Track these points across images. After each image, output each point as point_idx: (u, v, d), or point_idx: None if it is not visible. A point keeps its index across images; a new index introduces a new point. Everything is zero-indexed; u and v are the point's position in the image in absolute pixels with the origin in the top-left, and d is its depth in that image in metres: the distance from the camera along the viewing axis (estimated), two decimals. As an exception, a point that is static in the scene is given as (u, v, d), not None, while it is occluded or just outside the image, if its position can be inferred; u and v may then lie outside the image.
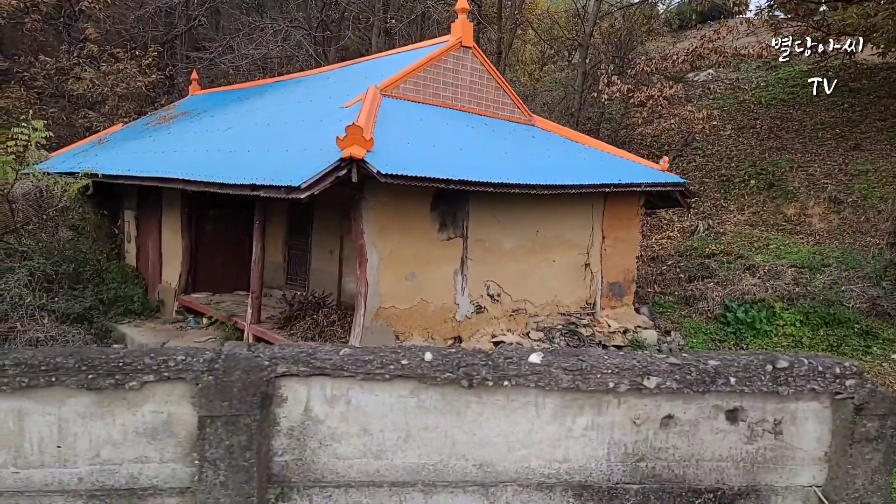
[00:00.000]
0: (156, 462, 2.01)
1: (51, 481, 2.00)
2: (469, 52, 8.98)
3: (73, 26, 22.11)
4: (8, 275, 9.86)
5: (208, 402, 1.95)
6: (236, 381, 1.94)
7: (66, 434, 2.00)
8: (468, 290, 8.04)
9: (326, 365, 1.97)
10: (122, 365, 1.95)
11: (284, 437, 2.06)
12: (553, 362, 2.01)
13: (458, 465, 2.09)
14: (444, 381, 2.00)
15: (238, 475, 1.95)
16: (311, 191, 5.66)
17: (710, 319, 11.12)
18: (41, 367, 1.91)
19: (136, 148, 11.27)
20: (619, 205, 9.67)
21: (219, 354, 2.02)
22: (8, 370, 1.90)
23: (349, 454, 2.07)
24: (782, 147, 17.41)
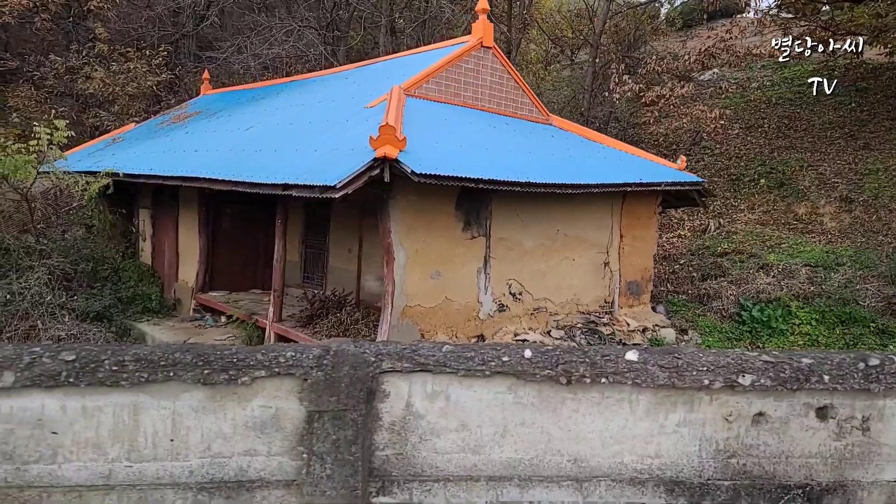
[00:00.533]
0: (263, 455, 2.06)
1: (162, 474, 2.05)
2: (489, 53, 9.02)
3: (81, 25, 22.15)
4: (28, 273, 9.91)
5: (317, 397, 2.00)
6: (344, 376, 1.99)
7: (179, 428, 2.05)
8: (491, 289, 8.09)
9: (430, 361, 2.02)
10: (236, 361, 2.00)
11: (386, 432, 2.11)
12: (649, 360, 2.07)
13: (554, 461, 2.14)
14: (542, 378, 2.05)
15: (344, 469, 2.00)
16: (345, 190, 5.71)
17: (725, 318, 11.17)
18: (160, 363, 1.96)
19: (153, 147, 11.31)
20: (637, 204, 9.72)
21: (327, 350, 2.06)
22: (128, 365, 1.95)
23: (448, 449, 2.12)
24: (791, 146, 17.46)
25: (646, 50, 19.71)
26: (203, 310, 11.11)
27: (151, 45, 21.32)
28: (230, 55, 16.41)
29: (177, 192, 11.36)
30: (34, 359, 1.95)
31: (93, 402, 1.99)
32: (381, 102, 7.93)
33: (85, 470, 2.03)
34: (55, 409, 1.99)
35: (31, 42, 22.18)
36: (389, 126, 5.85)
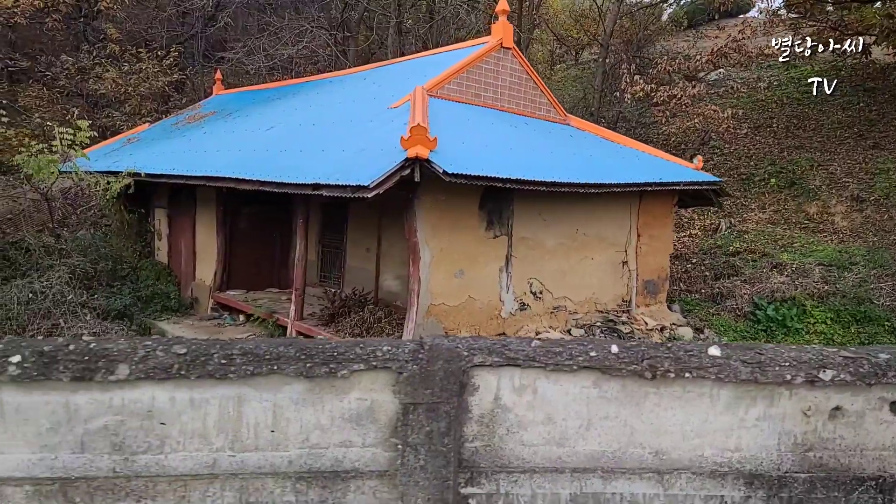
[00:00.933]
0: (358, 446, 2.13)
1: (263, 464, 2.12)
2: (509, 53, 9.09)
3: (91, 26, 22.24)
4: (49, 272, 10.00)
5: (412, 390, 2.08)
6: (438, 370, 2.07)
7: (279, 420, 2.12)
8: (513, 288, 8.17)
9: (519, 356, 2.09)
10: (336, 355, 2.07)
11: (475, 424, 2.19)
12: (732, 355, 2.14)
13: (636, 453, 2.22)
14: (627, 373, 2.13)
15: (437, 460, 2.08)
16: (377, 190, 5.79)
17: (740, 317, 11.24)
18: (265, 357, 2.03)
19: (172, 147, 11.39)
20: (654, 203, 9.79)
21: (422, 345, 2.14)
22: (235, 359, 2.03)
23: (534, 441, 2.20)
24: (801, 146, 17.53)
25: (654, 50, 19.76)
26: (221, 308, 11.18)
27: (161, 45, 21.41)
28: (242, 56, 16.47)
29: (194, 192, 11.44)
30: (148, 352, 2.03)
31: (200, 394, 2.06)
32: (404, 103, 8.00)
33: (190, 459, 2.10)
34: (164, 400, 2.07)
35: (41, 42, 22.27)
36: (421, 126, 5.92)
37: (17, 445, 2.03)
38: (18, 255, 10.55)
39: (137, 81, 18.78)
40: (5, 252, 10.64)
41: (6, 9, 19.01)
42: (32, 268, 10.24)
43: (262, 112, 11.38)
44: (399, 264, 9.69)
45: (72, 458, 2.06)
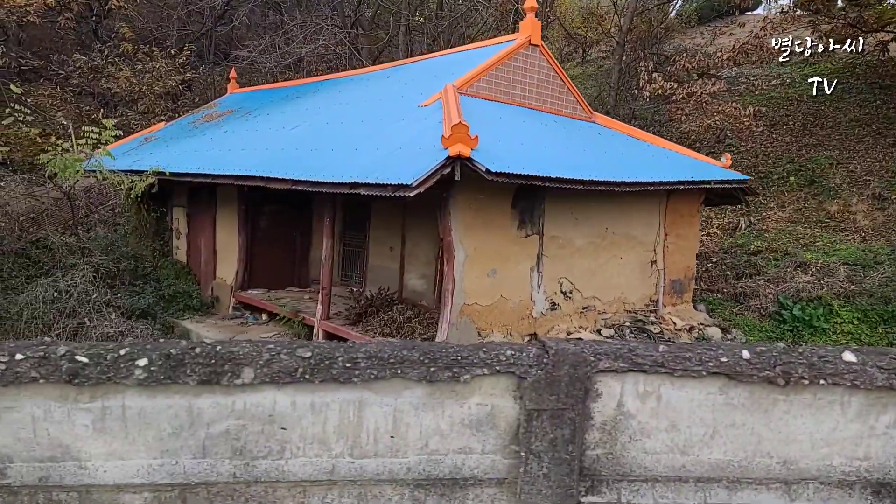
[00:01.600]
0: (477, 453, 2.09)
1: (382, 471, 2.07)
2: (537, 50, 9.03)
3: (102, 25, 22.21)
4: (73, 271, 9.96)
5: (537, 395, 2.02)
6: (564, 375, 2.02)
7: (399, 425, 2.07)
8: (543, 287, 8.12)
9: (646, 361, 2.04)
10: (459, 359, 2.02)
11: (597, 432, 2.14)
12: (867, 361, 2.09)
13: (762, 463, 2.17)
14: (757, 379, 2.08)
15: (560, 468, 2.03)
16: (419, 189, 5.74)
17: (765, 317, 11.18)
18: (389, 360, 1.98)
19: (194, 146, 11.34)
20: (681, 202, 9.73)
21: (546, 349, 2.09)
22: (360, 362, 1.98)
23: (657, 449, 2.15)
24: (819, 144, 17.43)
25: (667, 47, 19.67)
26: (242, 307, 11.15)
27: (172, 44, 21.37)
28: (257, 54, 16.42)
29: (214, 191, 11.40)
30: (273, 356, 1.98)
31: (321, 399, 2.01)
32: (435, 101, 7.94)
33: (310, 465, 2.06)
34: (286, 405, 2.02)
35: (51, 41, 22.23)
36: (462, 125, 5.87)
37: (137, 451, 1.99)
38: (41, 254, 10.53)
39: (151, 80, 18.75)
40: (26, 251, 10.62)
41: (19, 7, 18.99)
42: (56, 266, 10.22)
43: (283, 111, 11.33)
44: (424, 263, 9.65)
45: (193, 463, 2.02)
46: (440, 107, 7.63)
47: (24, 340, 4.99)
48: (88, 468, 1.98)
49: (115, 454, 1.97)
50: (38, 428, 1.93)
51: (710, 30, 23.83)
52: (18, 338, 9.25)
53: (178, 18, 23.46)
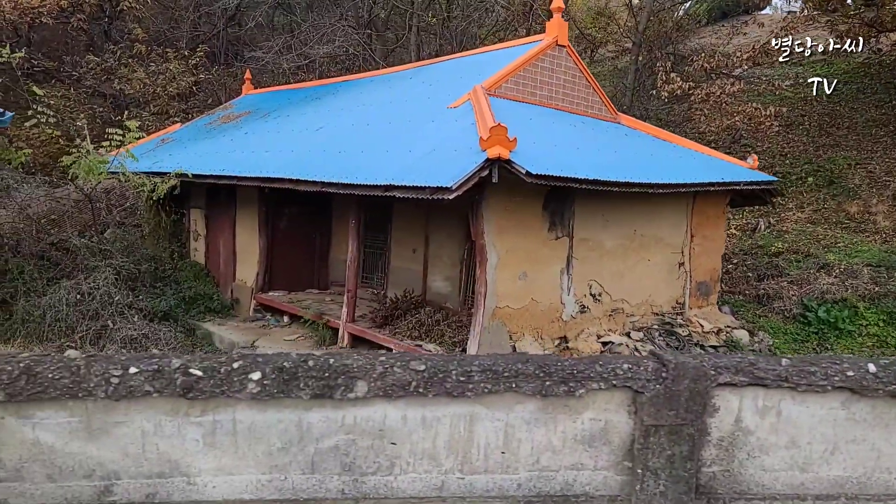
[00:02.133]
0: (589, 469, 2.03)
1: (491, 487, 2.01)
2: (564, 51, 8.97)
3: (114, 26, 22.22)
4: (95, 273, 9.93)
5: (655, 410, 1.96)
6: (684, 390, 1.96)
7: (510, 440, 2.01)
8: (573, 290, 8.05)
9: (768, 375, 1.98)
10: (575, 373, 1.96)
11: (714, 448, 2.08)
12: None
13: (881, 479, 2.11)
14: (884, 394, 2.01)
15: (677, 486, 1.97)
16: (458, 192, 5.68)
17: (789, 319, 11.07)
18: (503, 374, 1.93)
19: (215, 148, 11.30)
20: (708, 203, 9.65)
21: (663, 363, 2.03)
22: (474, 376, 1.92)
23: (775, 466, 2.08)
24: (836, 144, 17.32)
25: (683, 47, 19.58)
26: (263, 309, 11.10)
27: (184, 44, 21.36)
28: (273, 55, 16.38)
29: (234, 193, 11.36)
30: (386, 369, 1.92)
31: (432, 413, 1.95)
32: (464, 102, 7.89)
33: (419, 481, 2.00)
34: (396, 419, 1.96)
35: (62, 42, 22.25)
36: (501, 127, 5.81)
37: (246, 466, 1.93)
38: (61, 256, 10.50)
39: (165, 81, 18.75)
40: (46, 253, 10.59)
41: (32, 9, 19.01)
42: (77, 269, 10.18)
43: (304, 112, 11.28)
44: (448, 265, 9.59)
45: (302, 478, 1.96)
46: (470, 108, 7.58)
47: (48, 348, 4.91)
48: (197, 484, 1.92)
49: (224, 469, 1.91)
50: (147, 443, 1.87)
51: (723, 29, 23.73)
52: (42, 341, 9.21)
53: (190, 20, 23.48)
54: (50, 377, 1.87)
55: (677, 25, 18.33)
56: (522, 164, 6.02)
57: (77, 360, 1.94)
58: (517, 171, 5.79)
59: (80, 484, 1.94)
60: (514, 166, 5.79)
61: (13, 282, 9.85)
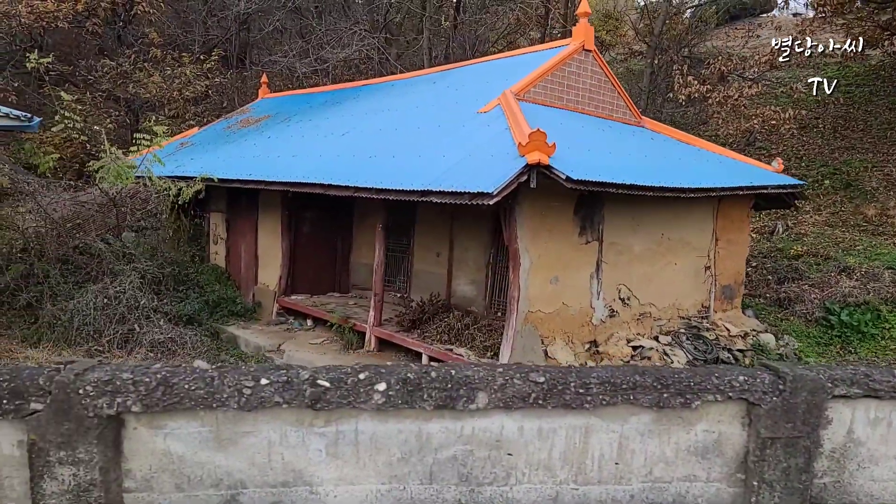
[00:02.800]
0: (702, 481, 2.04)
1: (605, 498, 2.03)
2: (590, 56, 8.99)
3: (128, 30, 22.31)
4: (121, 277, 9.98)
5: (772, 423, 1.98)
6: (801, 402, 1.97)
7: (623, 451, 2.03)
8: (603, 294, 8.06)
9: (883, 387, 2.00)
10: (692, 385, 1.98)
11: (826, 460, 2.09)
12: None
13: None
14: None
15: (792, 497, 1.98)
16: (498, 197, 5.71)
17: (811, 322, 11.06)
18: (621, 386, 1.95)
19: (236, 152, 11.35)
20: (733, 207, 9.66)
21: (779, 375, 2.05)
22: (592, 387, 1.94)
23: (884, 477, 2.10)
24: (851, 147, 17.29)
25: (698, 50, 19.59)
26: (286, 313, 11.14)
27: (197, 48, 21.45)
28: (289, 59, 16.45)
29: (256, 196, 11.41)
30: (506, 380, 1.94)
31: (548, 424, 1.97)
32: (494, 107, 7.91)
33: (534, 492, 2.02)
34: (513, 430, 1.98)
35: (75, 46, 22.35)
36: (540, 132, 5.84)
37: (367, 476, 1.95)
38: (86, 260, 10.54)
39: (181, 85, 18.82)
40: (70, 257, 10.62)
41: (48, 13, 19.12)
42: (102, 272, 10.22)
43: (327, 116, 11.32)
44: (474, 269, 9.61)
45: (420, 488, 1.98)
46: (500, 113, 7.61)
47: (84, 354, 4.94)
48: (319, 493, 1.94)
49: (345, 479, 1.94)
50: (272, 453, 1.89)
51: (736, 32, 23.72)
52: (70, 345, 9.26)
53: (203, 23, 23.59)
54: (185, 388, 1.90)
55: (690, 28, 18.31)
56: (560, 169, 6.03)
57: (210, 371, 1.96)
58: (557, 176, 5.81)
59: (207, 493, 1.96)
60: (553, 172, 5.81)
61: (38, 286, 9.90)
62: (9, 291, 9.79)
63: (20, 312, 9.75)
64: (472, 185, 5.83)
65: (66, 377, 2.05)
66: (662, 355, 8.00)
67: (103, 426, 2.01)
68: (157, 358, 8.94)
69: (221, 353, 9.58)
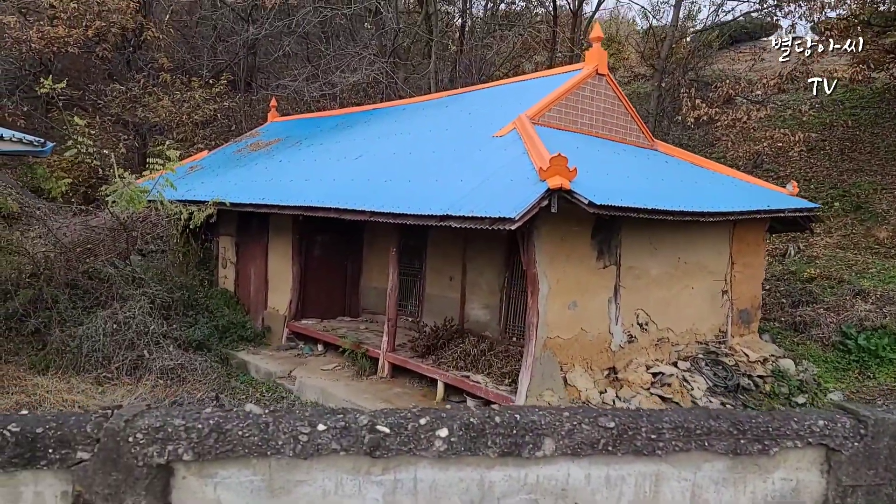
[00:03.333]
0: None
1: None
2: (603, 80, 8.99)
3: (137, 55, 22.53)
4: (131, 302, 9.88)
5: (854, 470, 1.87)
6: (884, 448, 1.87)
7: (696, 501, 1.93)
8: (621, 319, 7.95)
9: None
10: (770, 430, 1.88)
11: None
12: None
13: None
14: None
15: None
16: (520, 222, 5.63)
17: (828, 347, 10.90)
18: (695, 431, 1.85)
19: (247, 175, 11.33)
20: (748, 230, 9.57)
21: (860, 419, 1.95)
22: (664, 433, 1.84)
23: None
24: (860, 169, 17.26)
25: (704, 73, 19.70)
26: (296, 338, 11.02)
27: (206, 73, 21.62)
28: (298, 84, 16.54)
29: (266, 220, 11.37)
30: (574, 426, 1.84)
31: (617, 472, 1.87)
32: (509, 131, 7.89)
33: None
34: (580, 478, 1.87)
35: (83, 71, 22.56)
36: (561, 157, 5.79)
37: None
38: (96, 285, 10.44)
39: (190, 109, 18.94)
40: (79, 282, 10.52)
41: (59, 39, 19.33)
42: (112, 297, 10.13)
43: (338, 140, 11.31)
44: (487, 293, 9.51)
45: None
46: (516, 137, 7.57)
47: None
48: (375, 546, 1.84)
49: (404, 532, 1.83)
50: (327, 502, 1.79)
51: (741, 55, 23.89)
52: (78, 372, 9.12)
53: (212, 49, 23.84)
54: (239, 434, 1.80)
55: (695, 52, 18.43)
56: (581, 193, 5.97)
57: (264, 415, 1.86)
58: (579, 201, 5.74)
59: (258, 546, 1.86)
60: (575, 196, 5.75)
61: (47, 311, 9.81)
62: (17, 317, 9.69)
63: (28, 338, 9.64)
64: (493, 210, 5.77)
65: (115, 424, 1.95)
66: (682, 382, 7.86)
67: (153, 476, 1.91)
68: (166, 385, 8.80)
69: (232, 380, 9.44)
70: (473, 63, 21.07)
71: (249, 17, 23.07)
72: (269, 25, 19.30)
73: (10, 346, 9.32)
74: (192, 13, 26.17)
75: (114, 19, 19.58)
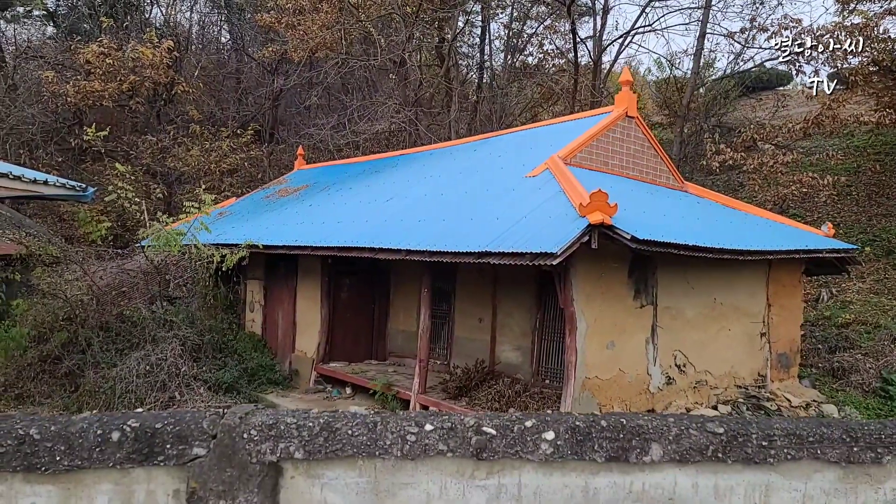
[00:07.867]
0: None
1: None
2: (633, 122, 9.10)
3: (168, 107, 23.32)
4: (163, 344, 9.92)
5: None
6: None
7: None
8: (659, 360, 7.80)
9: None
10: (883, 437, 1.82)
11: None
12: None
13: None
14: None
15: None
16: (562, 257, 5.62)
17: (868, 393, 10.57)
18: (808, 439, 1.79)
19: (278, 219, 11.49)
20: (783, 272, 9.45)
21: None
22: (776, 440, 1.79)
23: None
24: (888, 213, 17.08)
25: (727, 119, 19.88)
26: (324, 381, 10.94)
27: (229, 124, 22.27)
28: (325, 132, 16.96)
29: (294, 263, 11.45)
30: (681, 430, 1.80)
31: (725, 481, 1.81)
32: (542, 171, 7.96)
33: None
34: (686, 486, 1.81)
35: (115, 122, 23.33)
36: (601, 192, 5.81)
37: None
38: (129, 328, 10.51)
39: (218, 158, 19.43)
40: (111, 325, 10.60)
41: (94, 92, 20.09)
42: (144, 340, 10.18)
43: (368, 184, 11.48)
44: (519, 335, 9.41)
45: None
46: (550, 177, 7.64)
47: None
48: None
49: (506, 539, 1.77)
50: None
51: (763, 102, 24.11)
52: (109, 412, 9.10)
53: (238, 101, 24.65)
54: (348, 434, 1.78)
55: (716, 99, 18.66)
56: (634, 230, 5.97)
57: (371, 416, 1.84)
58: (621, 236, 5.73)
59: (362, 551, 1.80)
60: (616, 231, 5.74)
61: (81, 354, 9.87)
62: (51, 359, 9.76)
63: (61, 380, 9.68)
64: (533, 246, 5.77)
65: (231, 420, 1.94)
66: (724, 425, 7.61)
67: (264, 474, 1.89)
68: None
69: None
70: (494, 112, 21.51)
71: (275, 70, 23.92)
72: (297, 77, 19.93)
73: (44, 388, 9.35)
74: (221, 67, 27.15)
75: (147, 74, 20.33)
